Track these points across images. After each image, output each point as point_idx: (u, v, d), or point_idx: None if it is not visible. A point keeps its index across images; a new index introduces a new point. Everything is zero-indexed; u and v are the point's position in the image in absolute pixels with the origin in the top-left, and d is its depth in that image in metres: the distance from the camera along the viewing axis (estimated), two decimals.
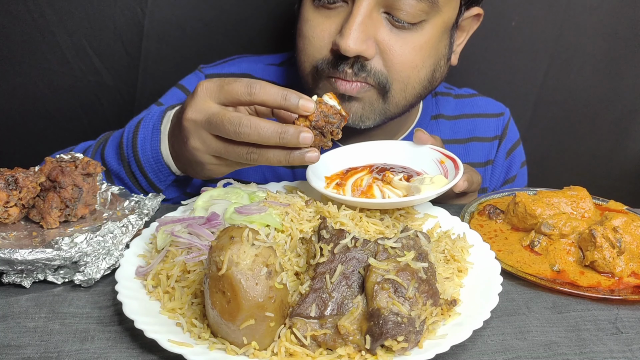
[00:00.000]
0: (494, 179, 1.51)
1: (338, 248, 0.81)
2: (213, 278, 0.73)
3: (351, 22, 1.09)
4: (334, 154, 1.17)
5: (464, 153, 1.47)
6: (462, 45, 1.31)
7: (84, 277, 0.90)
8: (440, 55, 1.22)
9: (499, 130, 1.50)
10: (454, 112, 1.50)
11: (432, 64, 1.20)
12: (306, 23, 1.18)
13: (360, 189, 1.08)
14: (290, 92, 0.93)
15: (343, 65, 1.14)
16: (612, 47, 1.76)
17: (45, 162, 1.01)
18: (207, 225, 0.93)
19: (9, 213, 0.96)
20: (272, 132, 0.91)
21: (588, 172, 1.93)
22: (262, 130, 0.91)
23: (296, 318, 0.76)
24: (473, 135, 1.48)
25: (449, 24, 1.20)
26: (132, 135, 1.17)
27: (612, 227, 0.98)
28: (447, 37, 1.22)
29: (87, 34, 1.64)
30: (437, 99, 1.49)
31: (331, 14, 1.15)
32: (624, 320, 0.88)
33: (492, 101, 1.55)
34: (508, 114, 1.53)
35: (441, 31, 1.18)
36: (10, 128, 1.74)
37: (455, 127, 1.48)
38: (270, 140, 0.91)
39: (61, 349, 0.79)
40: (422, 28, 1.15)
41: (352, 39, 1.09)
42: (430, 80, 1.23)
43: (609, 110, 1.85)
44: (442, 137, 1.43)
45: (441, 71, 1.25)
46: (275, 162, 0.95)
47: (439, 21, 1.16)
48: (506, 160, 1.52)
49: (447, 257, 0.94)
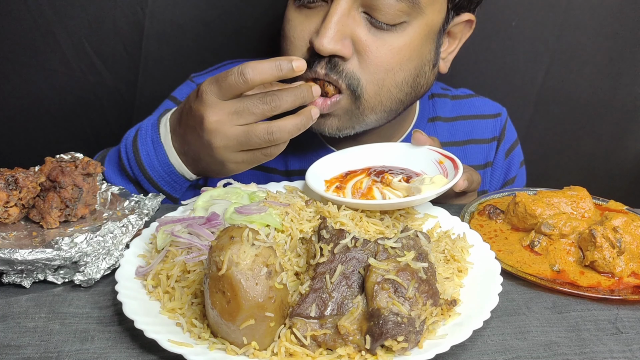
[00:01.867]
0: (493, 181, 1.50)
1: (338, 248, 0.81)
2: (213, 278, 0.73)
3: (327, 22, 1.08)
4: (333, 157, 1.17)
5: (462, 155, 1.45)
6: (454, 53, 1.28)
7: (84, 277, 0.90)
8: (424, 60, 1.19)
9: (497, 131, 1.49)
10: (451, 114, 1.48)
11: (413, 68, 1.17)
12: (288, 23, 1.18)
13: (361, 192, 1.08)
14: (281, 60, 1.00)
15: (316, 64, 1.12)
16: (612, 47, 1.76)
17: (45, 162, 1.01)
18: (207, 225, 0.93)
19: (9, 213, 0.96)
20: (289, 92, 1.03)
21: (588, 172, 1.93)
22: (281, 93, 1.02)
23: (296, 318, 0.76)
24: (471, 138, 1.47)
25: (434, 28, 1.17)
26: (134, 155, 1.17)
27: (612, 227, 0.98)
28: (432, 42, 1.19)
29: (87, 34, 1.64)
30: (433, 101, 1.48)
31: (311, 14, 1.14)
32: (624, 320, 0.88)
33: (489, 101, 1.53)
34: (505, 114, 1.52)
35: (424, 34, 1.15)
36: (10, 128, 1.74)
37: (452, 129, 1.47)
38: (289, 99, 1.02)
39: (61, 349, 0.79)
40: (403, 30, 1.12)
41: (327, 38, 1.07)
42: (412, 86, 1.19)
43: (609, 110, 1.85)
44: (440, 140, 1.42)
45: (426, 77, 1.22)
46: (293, 129, 1.02)
47: (421, 23, 1.13)
48: (505, 161, 1.51)
49: (447, 257, 0.94)
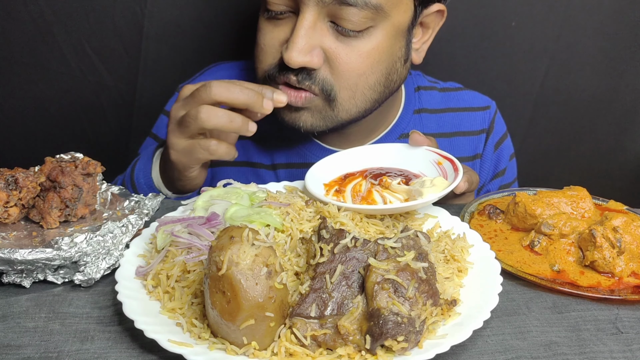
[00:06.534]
0: (483, 173, 1.50)
1: (338, 248, 0.81)
2: (213, 278, 0.73)
3: (295, 35, 1.12)
4: (331, 159, 1.17)
5: (450, 147, 1.45)
6: (428, 42, 1.31)
7: (84, 277, 0.90)
8: (395, 58, 1.22)
9: (486, 123, 1.49)
10: (439, 106, 1.49)
11: (384, 69, 1.21)
12: (259, 32, 1.23)
13: (360, 195, 1.08)
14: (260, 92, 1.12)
15: (288, 73, 1.16)
16: (612, 47, 1.76)
17: (45, 162, 1.01)
18: (207, 225, 0.93)
19: (9, 213, 0.96)
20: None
21: (588, 172, 1.93)
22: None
23: (296, 318, 0.76)
24: (459, 130, 1.48)
25: (402, 27, 1.20)
26: (131, 168, 1.33)
27: (612, 227, 0.98)
28: (401, 39, 1.22)
29: (87, 34, 1.64)
30: (419, 93, 1.48)
31: (280, 24, 1.18)
32: (624, 320, 0.88)
33: (478, 94, 1.54)
34: (494, 107, 1.52)
35: (392, 35, 1.18)
36: (10, 128, 1.74)
37: (440, 120, 1.47)
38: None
39: (61, 349, 0.79)
40: (370, 35, 1.15)
41: (295, 52, 1.11)
42: (384, 84, 1.23)
43: (609, 110, 1.85)
44: (427, 131, 1.43)
45: (398, 73, 1.26)
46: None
47: (387, 25, 1.16)
48: (494, 153, 1.51)
49: (447, 257, 0.94)
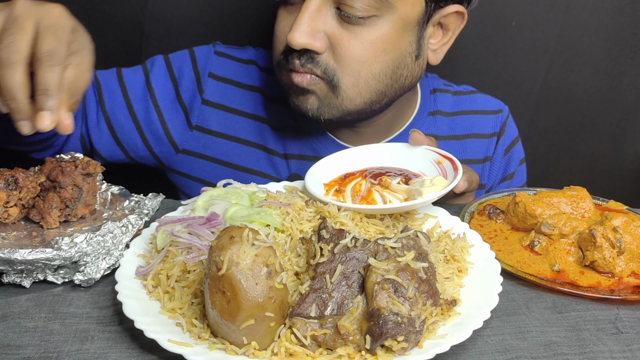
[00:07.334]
0: (492, 176, 1.51)
1: (338, 248, 0.81)
2: (213, 278, 0.73)
3: (299, 17, 1.13)
4: (330, 159, 1.17)
5: (462, 149, 1.47)
6: (448, 45, 1.30)
7: (84, 277, 0.90)
8: (404, 52, 1.22)
9: (497, 127, 1.50)
10: (452, 109, 1.49)
11: (389, 60, 1.20)
12: (276, 20, 1.24)
13: (360, 195, 1.08)
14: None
15: (292, 57, 1.18)
16: (613, 47, 1.76)
17: (45, 162, 1.01)
18: (207, 225, 0.93)
19: (9, 213, 0.96)
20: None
21: (588, 172, 1.93)
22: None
23: (296, 318, 0.76)
24: (471, 132, 1.48)
25: (410, 21, 1.19)
26: None
27: (612, 227, 0.98)
28: (411, 34, 1.21)
29: None
30: (435, 96, 1.49)
31: (293, 9, 1.19)
32: (624, 320, 0.88)
33: (491, 98, 1.55)
34: (507, 111, 1.53)
35: (399, 27, 1.18)
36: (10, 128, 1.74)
37: (452, 123, 1.48)
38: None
39: (61, 349, 0.79)
40: (375, 24, 1.16)
41: (297, 33, 1.13)
42: (391, 77, 1.23)
43: (609, 110, 1.85)
44: (440, 134, 1.43)
45: (409, 68, 1.25)
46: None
47: (394, 17, 1.17)
48: (504, 157, 1.51)
49: (447, 257, 0.94)
